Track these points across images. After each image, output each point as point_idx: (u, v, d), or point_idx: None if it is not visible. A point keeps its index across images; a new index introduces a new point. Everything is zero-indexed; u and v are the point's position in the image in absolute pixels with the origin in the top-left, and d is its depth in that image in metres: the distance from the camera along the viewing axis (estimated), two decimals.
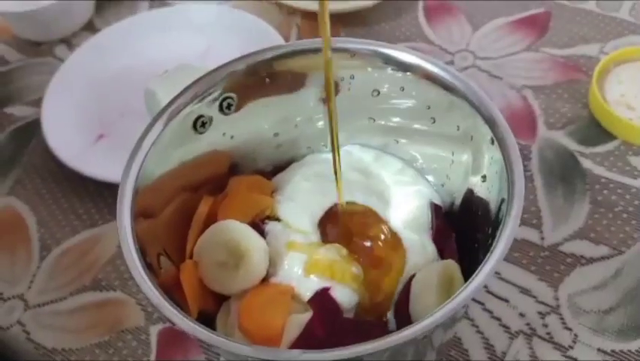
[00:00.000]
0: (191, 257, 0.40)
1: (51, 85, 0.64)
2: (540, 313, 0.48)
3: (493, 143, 0.36)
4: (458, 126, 0.40)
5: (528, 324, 0.47)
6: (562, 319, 0.48)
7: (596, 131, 0.58)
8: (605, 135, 0.58)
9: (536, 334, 0.47)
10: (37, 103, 0.64)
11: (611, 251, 0.50)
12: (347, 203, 0.41)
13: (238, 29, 0.67)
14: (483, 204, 0.38)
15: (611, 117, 0.57)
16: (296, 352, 0.28)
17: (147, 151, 0.37)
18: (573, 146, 0.57)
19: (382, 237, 0.40)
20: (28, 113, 0.66)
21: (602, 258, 0.50)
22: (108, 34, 0.69)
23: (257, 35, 0.65)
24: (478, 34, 0.68)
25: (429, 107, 0.41)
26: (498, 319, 0.48)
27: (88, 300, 0.52)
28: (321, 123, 0.45)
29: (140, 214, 0.36)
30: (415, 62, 0.39)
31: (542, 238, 0.51)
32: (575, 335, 0.47)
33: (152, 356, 0.48)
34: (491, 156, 0.36)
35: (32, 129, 0.64)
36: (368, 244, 0.39)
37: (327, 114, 0.36)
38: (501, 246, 0.31)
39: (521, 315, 0.48)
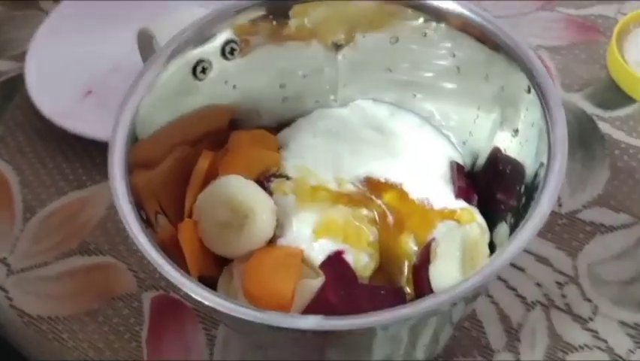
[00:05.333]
0: (190, 216, 0.36)
1: (35, 38, 0.60)
2: (558, 283, 0.45)
3: (529, 91, 0.32)
4: (487, 75, 0.36)
5: (546, 295, 0.45)
6: (581, 289, 0.45)
7: (614, 93, 0.55)
8: (625, 98, 0.55)
9: (554, 305, 0.44)
10: (21, 57, 0.60)
11: (631, 219, 0.48)
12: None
13: None
14: (513, 162, 0.35)
15: (631, 79, 0.54)
16: (314, 318, 0.25)
17: (141, 97, 0.34)
18: (591, 109, 0.54)
19: (400, 199, 0.37)
20: (11, 67, 0.62)
21: (623, 226, 0.48)
22: None
23: None
24: None
25: (454, 55, 0.38)
26: (513, 289, 0.45)
27: (75, 265, 0.48)
28: (331, 75, 0.41)
29: (134, 167, 0.32)
30: (439, 5, 0.36)
31: (560, 205, 0.49)
32: (595, 307, 0.44)
33: (145, 325, 0.45)
34: (526, 107, 0.33)
35: (16, 85, 0.60)
36: (384, 206, 0.36)
37: None
38: (544, 205, 0.28)
39: (538, 285, 0.45)
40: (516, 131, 0.35)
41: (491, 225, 0.37)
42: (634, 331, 0.43)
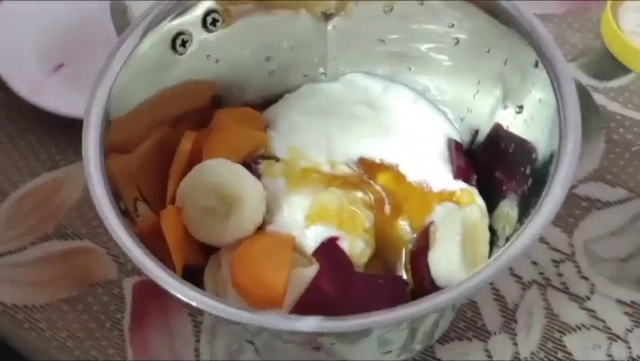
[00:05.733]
0: (173, 202, 0.34)
1: (1, 8, 0.57)
2: (554, 261, 0.44)
3: (537, 66, 0.30)
4: (489, 49, 0.34)
5: (541, 273, 0.43)
6: (577, 267, 0.44)
7: (609, 63, 0.53)
8: (620, 68, 0.53)
9: (551, 284, 0.43)
10: None
11: (628, 194, 0.47)
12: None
13: None
14: (517, 139, 0.33)
15: (626, 48, 0.52)
16: (313, 320, 0.23)
17: (117, 73, 0.31)
18: (585, 80, 0.53)
19: (396, 181, 0.35)
20: None
21: (619, 201, 0.47)
22: None
23: None
24: None
25: (452, 26, 0.35)
26: (509, 268, 0.44)
27: (51, 250, 0.46)
28: (320, 47, 0.39)
29: (110, 149, 0.30)
30: None
31: None
32: (592, 285, 0.43)
33: (127, 313, 0.43)
34: (533, 83, 0.31)
35: None
36: (380, 188, 0.34)
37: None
38: (556, 193, 0.26)
39: (534, 263, 0.44)
40: (521, 107, 0.33)
41: (490, 205, 0.36)
42: (631, 309, 0.42)
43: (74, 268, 0.45)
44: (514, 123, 0.34)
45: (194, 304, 0.25)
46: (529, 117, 0.32)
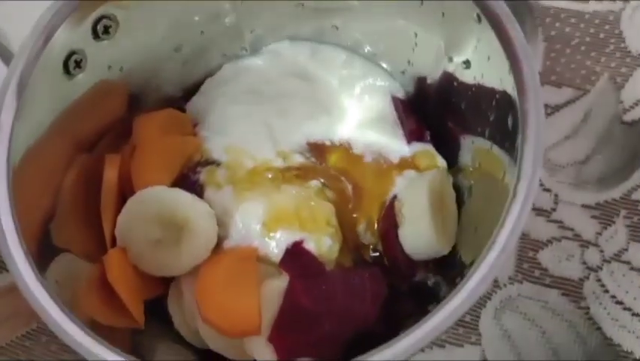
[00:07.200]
0: (114, 244, 0.31)
1: None
2: None
3: (480, 21, 0.27)
4: (422, 1, 0.31)
5: None
6: (538, 180, 0.43)
7: None
8: None
9: None
10: None
11: (575, 93, 0.46)
12: None
13: None
14: (467, 93, 0.30)
15: None
16: None
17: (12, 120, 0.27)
18: None
19: (348, 160, 0.32)
20: None
21: (568, 102, 0.45)
22: None
23: None
24: None
25: None
26: None
27: None
28: (231, 17, 0.35)
29: (21, 204, 0.27)
30: None
31: None
32: (556, 195, 0.43)
33: None
34: (478, 38, 0.28)
35: None
36: (334, 172, 0.32)
37: None
38: (527, 169, 0.24)
39: None
40: (467, 62, 0.31)
41: (449, 156, 0.34)
42: (598, 212, 0.42)
43: (23, 300, 0.42)
44: (463, 76, 0.31)
45: None
46: (478, 74, 0.30)
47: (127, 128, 0.34)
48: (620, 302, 0.39)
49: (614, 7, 0.47)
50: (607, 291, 0.40)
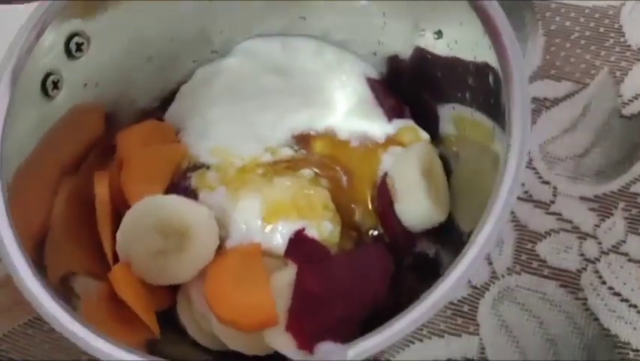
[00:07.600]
0: (116, 260, 0.31)
1: None
2: None
3: None
4: None
5: None
6: (537, 173, 0.43)
7: None
8: None
9: None
10: None
11: (575, 86, 0.46)
12: None
13: None
14: (442, 62, 0.31)
15: None
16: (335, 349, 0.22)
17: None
18: None
19: (333, 146, 0.33)
20: None
21: (567, 96, 0.45)
22: None
23: None
24: None
25: None
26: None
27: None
28: (199, 21, 0.35)
29: (21, 229, 0.27)
30: None
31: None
32: (554, 188, 0.43)
33: None
34: (448, 6, 0.29)
35: None
36: (325, 160, 0.33)
37: None
38: (514, 154, 0.25)
39: None
40: (439, 32, 0.31)
41: (430, 128, 0.35)
42: (596, 204, 0.42)
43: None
44: (437, 46, 0.32)
45: None
46: (452, 41, 0.30)
47: (107, 146, 0.34)
48: (617, 294, 0.39)
49: (614, 1, 0.48)
50: (604, 282, 0.39)
